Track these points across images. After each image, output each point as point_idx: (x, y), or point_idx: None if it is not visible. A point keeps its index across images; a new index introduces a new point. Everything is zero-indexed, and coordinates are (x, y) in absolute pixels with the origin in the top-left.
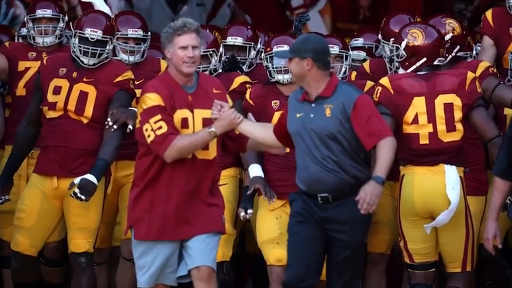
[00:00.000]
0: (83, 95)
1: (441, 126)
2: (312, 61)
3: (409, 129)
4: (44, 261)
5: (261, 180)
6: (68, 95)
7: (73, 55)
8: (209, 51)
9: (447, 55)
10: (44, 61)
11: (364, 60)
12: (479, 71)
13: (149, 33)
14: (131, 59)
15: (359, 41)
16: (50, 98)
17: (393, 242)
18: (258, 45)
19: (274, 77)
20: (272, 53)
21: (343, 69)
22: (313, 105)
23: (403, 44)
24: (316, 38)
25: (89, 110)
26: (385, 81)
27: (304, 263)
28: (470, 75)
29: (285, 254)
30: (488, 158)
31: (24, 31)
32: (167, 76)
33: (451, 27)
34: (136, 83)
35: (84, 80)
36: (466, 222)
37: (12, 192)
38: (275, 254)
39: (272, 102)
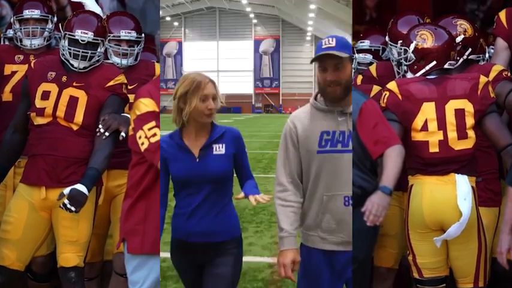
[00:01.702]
0: (73, 101)
1: (452, 134)
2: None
3: (418, 136)
4: (31, 276)
5: None
6: (57, 100)
7: (62, 58)
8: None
9: (458, 58)
10: (32, 64)
11: (371, 63)
12: (492, 75)
13: (143, 35)
14: (124, 62)
15: (365, 43)
16: (38, 103)
17: (401, 256)
18: None
19: None
20: None
21: None
22: None
23: (412, 46)
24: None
25: (79, 116)
26: (392, 85)
27: None
28: (482, 79)
29: None
30: (501, 167)
31: (10, 33)
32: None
33: (462, 28)
34: (129, 87)
35: (74, 84)
36: (478, 235)
37: None
38: None
39: None
